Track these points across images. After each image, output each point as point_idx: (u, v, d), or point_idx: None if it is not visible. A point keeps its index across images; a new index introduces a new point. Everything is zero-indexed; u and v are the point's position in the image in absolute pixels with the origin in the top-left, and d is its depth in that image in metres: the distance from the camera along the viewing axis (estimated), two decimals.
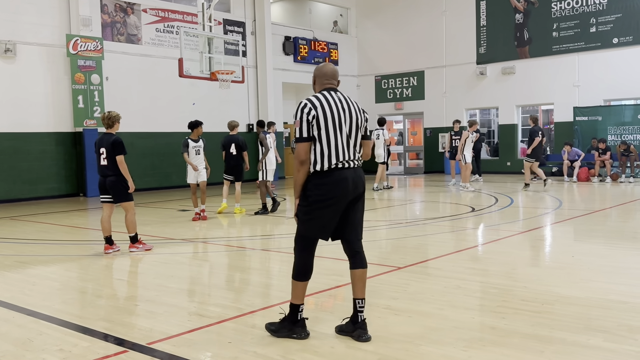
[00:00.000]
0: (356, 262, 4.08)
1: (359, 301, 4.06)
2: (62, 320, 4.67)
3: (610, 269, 6.07)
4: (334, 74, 4.15)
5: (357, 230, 4.08)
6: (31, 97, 15.62)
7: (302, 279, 4.03)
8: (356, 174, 4.01)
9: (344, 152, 3.94)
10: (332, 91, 4.06)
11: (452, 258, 6.80)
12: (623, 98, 18.81)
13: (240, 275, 6.35)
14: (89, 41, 16.06)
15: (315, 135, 3.90)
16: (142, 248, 7.69)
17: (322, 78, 4.12)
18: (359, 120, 4.04)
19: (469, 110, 22.26)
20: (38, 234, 9.82)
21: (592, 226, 9.18)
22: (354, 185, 3.98)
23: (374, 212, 11.79)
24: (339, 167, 3.93)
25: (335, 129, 3.91)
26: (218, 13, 18.64)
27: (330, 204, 3.92)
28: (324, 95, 3.99)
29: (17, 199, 15.30)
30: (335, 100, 3.98)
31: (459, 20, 21.72)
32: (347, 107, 4.00)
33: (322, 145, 3.90)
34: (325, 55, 23.27)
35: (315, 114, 3.89)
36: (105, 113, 7.55)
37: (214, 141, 19.28)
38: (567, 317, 4.40)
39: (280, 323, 4.11)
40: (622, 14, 18.41)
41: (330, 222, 3.99)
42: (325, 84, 4.10)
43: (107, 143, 7.36)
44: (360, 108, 4.12)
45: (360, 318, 4.04)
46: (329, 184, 3.92)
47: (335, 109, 3.95)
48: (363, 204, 4.13)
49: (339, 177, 3.92)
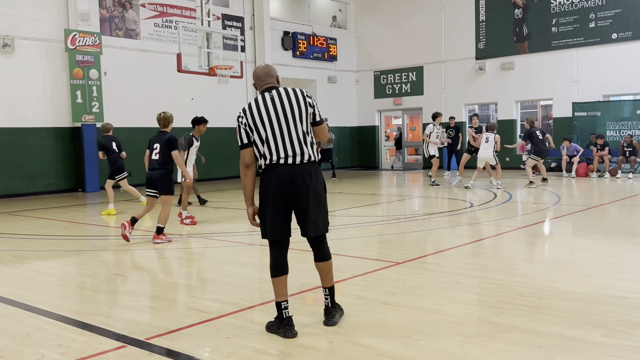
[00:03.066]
0: (316, 255, 4.22)
1: (324, 290, 4.24)
2: (61, 316, 4.67)
3: (608, 264, 6.07)
4: (267, 72, 4.19)
5: (312, 225, 4.07)
6: (29, 92, 15.59)
7: (274, 275, 4.08)
8: (296, 169, 3.98)
9: (283, 148, 3.97)
10: (267, 91, 4.10)
11: (450, 253, 6.80)
12: (622, 93, 18.79)
13: (239, 270, 6.35)
14: (87, 36, 16.02)
15: (253, 139, 4.02)
16: (165, 240, 8.02)
17: (257, 81, 4.20)
18: (298, 110, 4.02)
19: (468, 105, 22.25)
20: (36, 229, 9.81)
21: (590, 222, 9.19)
22: (291, 180, 3.96)
23: (372, 208, 11.79)
24: (273, 164, 3.99)
25: (266, 129, 3.97)
26: (216, 8, 18.59)
27: (267, 199, 4.01)
28: (256, 100, 4.07)
29: (15, 194, 15.28)
30: (267, 100, 4.02)
31: (458, 16, 21.68)
32: (281, 102, 4.01)
33: (257, 147, 4.02)
34: (324, 51, 23.23)
35: (246, 120, 4.01)
36: (161, 114, 8.23)
37: (211, 137, 19.31)
38: (565, 312, 4.41)
39: (274, 320, 4.12)
40: (621, 9, 18.38)
41: (275, 220, 4.01)
42: (263, 85, 4.17)
43: (161, 140, 8.01)
44: (302, 96, 4.06)
45: (325, 304, 4.23)
46: (265, 181, 4.04)
47: (265, 109, 3.99)
48: (315, 198, 4.05)
49: (272, 173, 3.99)
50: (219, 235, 8.72)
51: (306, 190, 4.00)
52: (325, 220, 4.17)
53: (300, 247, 4.94)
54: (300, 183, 3.98)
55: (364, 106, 24.81)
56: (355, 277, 5.63)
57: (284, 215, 4.04)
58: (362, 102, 24.84)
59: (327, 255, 4.20)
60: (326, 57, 23.32)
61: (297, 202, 4.02)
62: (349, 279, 5.56)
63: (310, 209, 4.04)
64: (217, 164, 19.48)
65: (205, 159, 11.18)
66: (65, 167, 16.37)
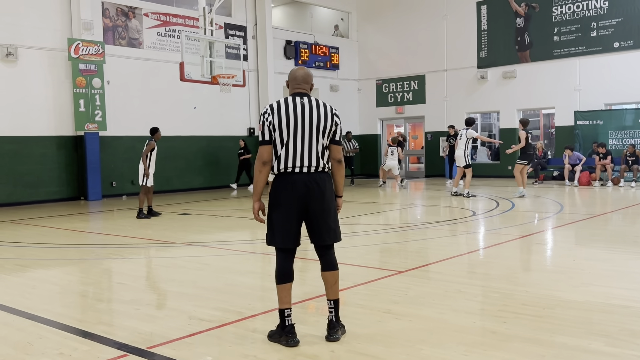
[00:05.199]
0: (322, 264, 4.16)
1: (328, 302, 4.13)
2: (62, 324, 4.66)
3: (611, 273, 6.05)
4: (306, 78, 4.18)
5: (329, 232, 4.08)
6: (32, 101, 15.64)
7: (279, 282, 4.05)
8: (311, 177, 4.00)
9: (301, 157, 3.97)
10: (299, 96, 4.08)
11: (453, 262, 6.79)
12: (624, 102, 18.78)
13: (241, 278, 6.34)
14: (91, 45, 16.09)
15: (274, 138, 4.00)
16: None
17: (292, 82, 4.18)
18: (324, 124, 4.03)
19: (469, 114, 22.21)
20: (38, 237, 9.82)
21: (593, 230, 9.17)
22: (305, 188, 3.97)
23: (375, 216, 11.78)
24: (289, 171, 3.99)
25: (289, 133, 3.97)
26: (219, 17, 18.64)
27: (280, 207, 4.00)
28: (286, 100, 4.04)
29: (18, 202, 15.30)
30: (297, 105, 4.01)
31: (460, 25, 21.73)
32: (310, 112, 4.01)
33: (276, 149, 4.01)
34: (326, 60, 23.29)
35: (272, 119, 3.98)
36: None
37: (214, 145, 19.36)
38: (568, 321, 4.39)
39: (276, 329, 4.10)
40: (622, 18, 18.42)
41: (285, 227, 4.00)
42: (296, 88, 4.15)
43: None
44: (330, 113, 4.08)
45: (329, 318, 4.11)
46: (279, 188, 4.02)
47: (293, 114, 3.98)
48: (326, 207, 4.06)
49: (287, 181, 3.99)
50: (221, 244, 8.71)
51: (321, 198, 4.02)
52: (339, 228, 4.18)
53: (303, 255, 4.94)
54: (315, 191, 4.00)
55: (366, 115, 24.85)
56: (357, 286, 5.62)
57: (297, 224, 4.04)
58: (364, 111, 24.88)
59: (335, 265, 4.16)
60: (328, 66, 23.38)
61: (311, 211, 4.01)
62: (351, 287, 5.54)
63: (327, 216, 4.06)
64: (220, 172, 19.52)
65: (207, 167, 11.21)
66: (67, 176, 16.39)
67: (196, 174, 19.06)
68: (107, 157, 16.83)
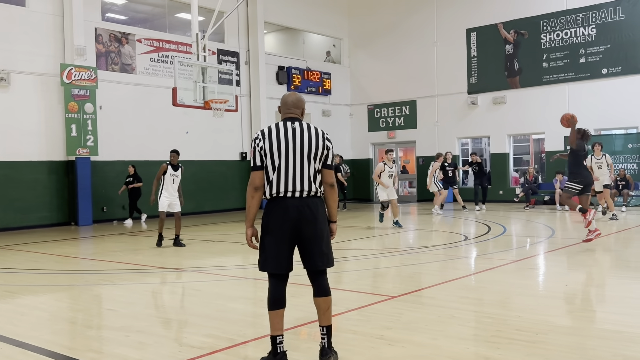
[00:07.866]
0: (315, 290, 4.11)
1: (321, 328, 4.07)
2: (51, 351, 4.59)
3: (604, 298, 6.05)
4: (297, 104, 4.20)
5: (322, 257, 4.05)
6: (24, 126, 15.62)
7: (271, 308, 4.01)
8: (303, 202, 3.99)
9: (293, 181, 3.97)
10: (290, 121, 4.10)
11: (445, 287, 6.76)
12: (613, 127, 19.00)
13: (232, 305, 6.29)
14: (84, 70, 16.15)
15: (265, 164, 4.01)
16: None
17: (284, 107, 4.21)
18: (315, 148, 4.03)
19: (460, 139, 22.43)
20: (28, 263, 9.72)
21: (585, 255, 9.18)
22: (298, 213, 3.96)
23: (367, 241, 11.76)
24: (281, 196, 3.98)
25: (281, 158, 3.97)
26: (212, 43, 18.80)
27: (272, 232, 3.98)
28: (277, 125, 4.06)
29: (8, 227, 15.17)
30: (288, 130, 4.03)
31: (450, 51, 22.01)
32: (301, 136, 4.02)
33: (268, 174, 4.01)
34: (319, 85, 23.46)
35: (262, 144, 3.99)
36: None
37: (207, 170, 19.34)
38: (562, 347, 4.37)
39: (268, 355, 4.05)
40: (610, 45, 18.72)
41: (277, 252, 3.97)
42: (287, 113, 4.17)
43: None
44: (321, 137, 4.09)
45: (321, 344, 4.06)
46: (270, 212, 4.02)
47: (284, 139, 3.99)
48: (319, 232, 4.03)
49: (279, 205, 3.98)
50: (213, 269, 8.65)
51: (314, 222, 4.00)
52: (331, 253, 4.16)
53: (295, 280, 4.91)
54: (307, 215, 3.98)
55: (357, 139, 24.97)
56: (350, 311, 5.58)
57: (289, 249, 4.01)
58: (356, 135, 25.00)
59: (328, 291, 4.11)
60: (320, 91, 23.55)
61: (303, 235, 3.99)
62: (343, 313, 5.51)
63: (319, 241, 4.03)
64: (212, 196, 19.47)
65: (199, 192, 11.20)
66: (58, 201, 16.30)
67: (188, 198, 18.90)
68: (99, 182, 16.78)
